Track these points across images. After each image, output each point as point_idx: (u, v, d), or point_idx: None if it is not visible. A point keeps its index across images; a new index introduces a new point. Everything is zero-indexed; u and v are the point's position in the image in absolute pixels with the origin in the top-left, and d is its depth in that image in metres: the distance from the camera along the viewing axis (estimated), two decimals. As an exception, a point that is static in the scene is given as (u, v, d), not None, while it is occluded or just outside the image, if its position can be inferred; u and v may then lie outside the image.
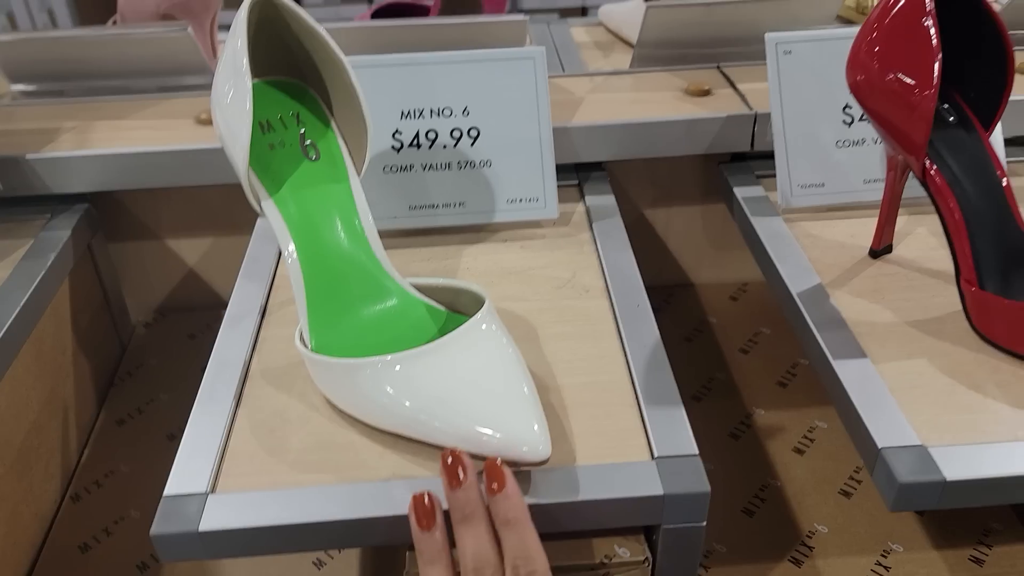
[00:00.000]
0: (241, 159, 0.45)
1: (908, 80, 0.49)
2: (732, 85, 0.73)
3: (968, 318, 0.52)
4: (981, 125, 0.53)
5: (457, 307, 0.50)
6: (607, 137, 0.68)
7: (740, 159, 0.72)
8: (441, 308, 0.50)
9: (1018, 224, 0.52)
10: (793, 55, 0.64)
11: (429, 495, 0.40)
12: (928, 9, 0.48)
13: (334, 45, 0.48)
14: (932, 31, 0.47)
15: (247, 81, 0.45)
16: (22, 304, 0.59)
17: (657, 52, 0.78)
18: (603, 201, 0.67)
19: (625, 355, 0.51)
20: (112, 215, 0.77)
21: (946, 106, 0.53)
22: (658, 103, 0.71)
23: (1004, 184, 0.52)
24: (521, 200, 0.63)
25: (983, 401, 0.46)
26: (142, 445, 0.70)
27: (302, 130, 0.51)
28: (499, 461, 0.39)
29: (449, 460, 0.40)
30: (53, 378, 0.66)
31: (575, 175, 0.70)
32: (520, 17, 0.72)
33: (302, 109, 0.52)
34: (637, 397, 0.47)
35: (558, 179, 0.64)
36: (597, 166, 0.71)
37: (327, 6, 2.09)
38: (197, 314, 0.82)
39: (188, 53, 0.74)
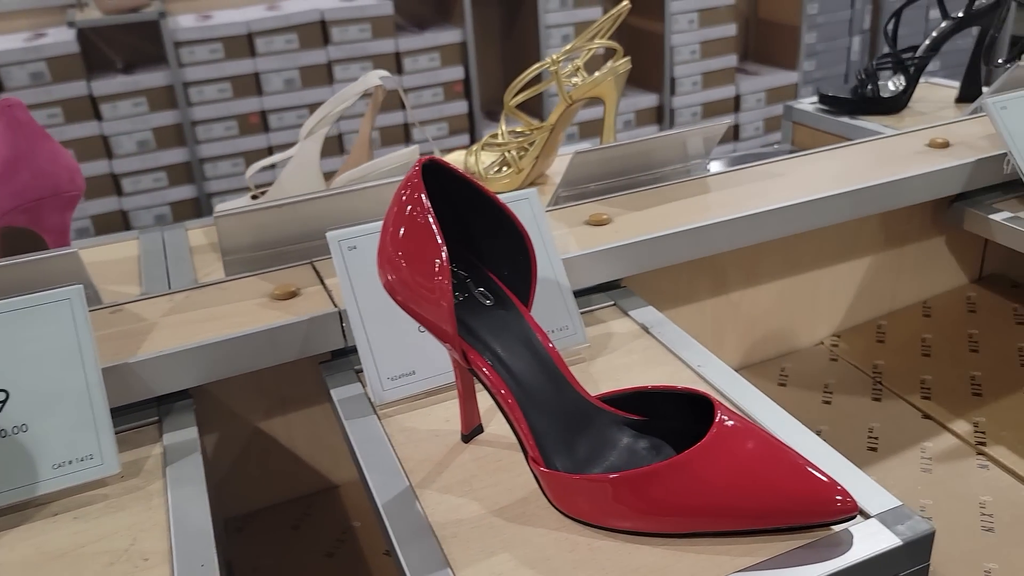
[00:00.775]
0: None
1: (425, 275, 0.48)
2: (321, 282, 0.71)
3: (546, 496, 0.50)
4: (520, 301, 0.54)
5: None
6: (190, 361, 0.62)
7: (341, 355, 0.69)
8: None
9: (575, 390, 0.52)
10: (358, 250, 0.63)
11: None
12: (426, 207, 0.48)
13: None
14: (433, 228, 0.47)
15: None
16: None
17: (247, 256, 0.75)
18: (184, 436, 0.60)
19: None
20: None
21: (481, 290, 0.53)
22: (242, 314, 0.66)
23: (550, 350, 0.53)
24: (71, 462, 0.55)
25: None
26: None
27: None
28: None
29: None
30: None
31: (156, 411, 0.63)
32: (70, 250, 0.66)
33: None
34: None
35: (133, 419, 0.57)
36: (183, 395, 0.65)
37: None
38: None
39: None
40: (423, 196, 0.48)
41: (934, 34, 1.17)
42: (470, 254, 0.54)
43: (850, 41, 3.12)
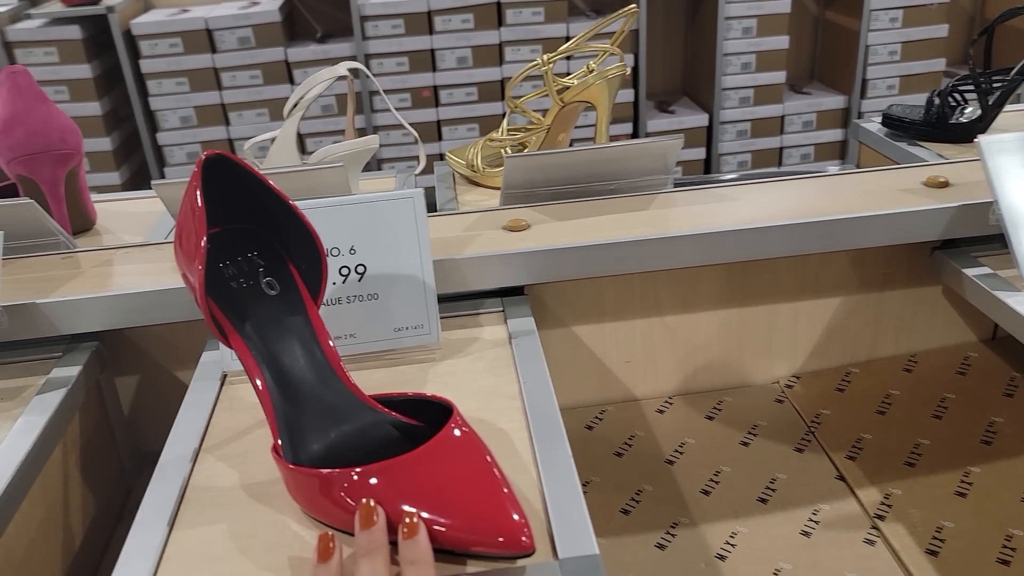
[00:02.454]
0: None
1: (188, 259, 0.52)
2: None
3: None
4: (311, 295, 0.57)
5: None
6: (92, 308, 0.71)
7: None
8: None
9: (344, 386, 0.55)
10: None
11: (333, 537, 0.46)
12: (195, 198, 0.52)
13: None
14: (196, 215, 0.52)
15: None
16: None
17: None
18: (66, 373, 0.69)
19: None
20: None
21: (268, 279, 0.57)
22: (153, 274, 0.75)
23: (324, 344, 0.56)
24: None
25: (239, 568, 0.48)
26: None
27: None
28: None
29: (368, 502, 0.46)
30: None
31: (63, 348, 0.73)
32: (26, 201, 0.77)
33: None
34: None
35: (40, 352, 0.68)
36: (93, 337, 0.74)
37: None
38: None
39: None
40: (197, 189, 0.52)
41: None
42: (278, 245, 0.58)
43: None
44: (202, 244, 0.51)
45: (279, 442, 0.53)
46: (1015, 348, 0.90)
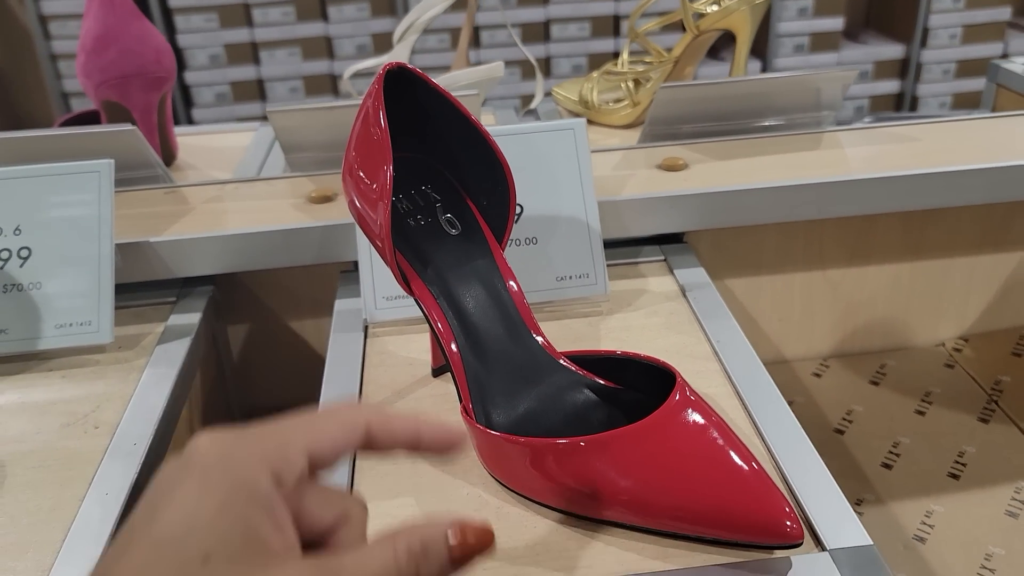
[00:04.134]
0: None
1: (367, 191, 0.44)
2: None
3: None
4: (494, 236, 0.49)
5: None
6: (207, 249, 0.64)
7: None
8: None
9: (534, 340, 0.48)
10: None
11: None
12: (378, 119, 0.43)
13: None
14: (381, 141, 0.43)
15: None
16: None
17: (311, 155, 0.74)
18: (187, 320, 0.62)
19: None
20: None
21: (448, 216, 0.49)
22: (271, 211, 0.66)
23: (513, 294, 0.48)
24: (71, 324, 0.58)
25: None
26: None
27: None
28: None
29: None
30: None
31: (176, 293, 0.66)
32: (128, 127, 0.69)
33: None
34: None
35: (153, 297, 0.62)
36: (208, 281, 0.67)
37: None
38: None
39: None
40: (380, 109, 0.44)
41: None
42: (453, 177, 0.50)
43: None
44: (388, 175, 0.43)
45: (470, 404, 0.45)
46: None
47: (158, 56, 0.76)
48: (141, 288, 0.64)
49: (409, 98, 0.46)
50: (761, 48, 2.55)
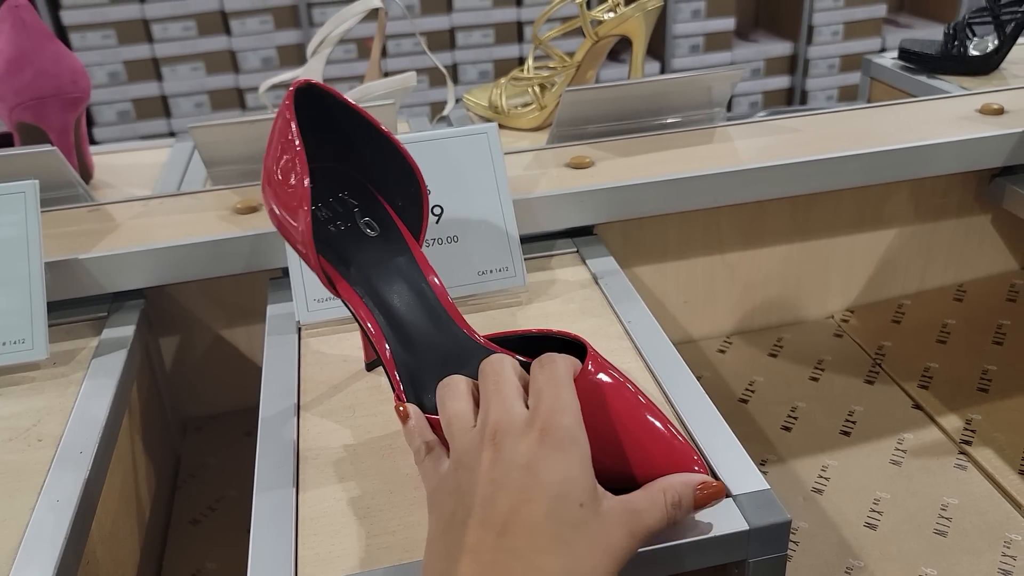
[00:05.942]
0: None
1: (287, 199, 0.47)
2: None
3: (411, 432, 0.50)
4: (411, 234, 0.53)
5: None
6: (137, 263, 0.65)
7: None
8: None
9: (457, 327, 0.51)
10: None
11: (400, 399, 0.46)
12: (290, 132, 0.46)
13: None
14: (296, 151, 0.46)
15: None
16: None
17: (232, 168, 0.77)
18: (120, 333, 0.64)
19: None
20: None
21: (367, 219, 0.53)
22: (198, 224, 0.69)
23: (435, 287, 0.52)
24: (4, 344, 0.59)
25: (380, 526, 0.44)
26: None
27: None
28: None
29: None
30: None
31: (108, 307, 0.67)
32: (49, 148, 0.70)
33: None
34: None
35: (85, 312, 0.62)
36: (138, 295, 0.68)
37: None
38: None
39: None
40: (291, 121, 0.47)
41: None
42: (367, 182, 0.54)
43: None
44: (305, 183, 0.46)
45: (403, 393, 0.49)
46: (1057, 274, 0.91)
47: (74, 76, 0.77)
48: (72, 305, 0.66)
49: (320, 111, 0.49)
50: (659, 49, 2.65)
